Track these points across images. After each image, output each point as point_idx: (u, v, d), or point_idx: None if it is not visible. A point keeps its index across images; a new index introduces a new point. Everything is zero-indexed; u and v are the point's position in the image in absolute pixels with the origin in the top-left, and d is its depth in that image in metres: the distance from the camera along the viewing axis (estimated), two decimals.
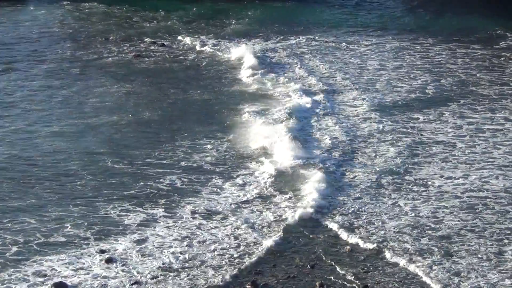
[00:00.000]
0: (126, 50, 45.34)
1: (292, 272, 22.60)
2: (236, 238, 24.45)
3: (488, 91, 38.58)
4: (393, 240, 24.32)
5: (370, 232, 24.83)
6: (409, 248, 23.85)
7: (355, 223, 25.43)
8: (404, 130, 33.46)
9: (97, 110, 35.39)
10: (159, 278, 22.25)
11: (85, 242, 24.10)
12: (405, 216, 25.87)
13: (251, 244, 24.06)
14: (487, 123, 34.31)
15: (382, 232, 24.82)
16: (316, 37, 48.28)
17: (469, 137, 32.65)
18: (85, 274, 22.45)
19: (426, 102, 37.07)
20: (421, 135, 32.79)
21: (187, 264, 22.96)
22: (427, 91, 38.66)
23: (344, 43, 47.02)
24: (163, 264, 22.94)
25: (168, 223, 25.34)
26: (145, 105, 36.18)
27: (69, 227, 24.97)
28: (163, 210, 26.17)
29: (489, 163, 30.10)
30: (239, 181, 28.44)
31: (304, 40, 47.54)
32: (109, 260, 23.09)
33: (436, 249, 23.82)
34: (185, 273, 22.50)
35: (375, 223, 25.44)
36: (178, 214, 25.92)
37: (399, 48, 46.33)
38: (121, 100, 36.97)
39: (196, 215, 25.83)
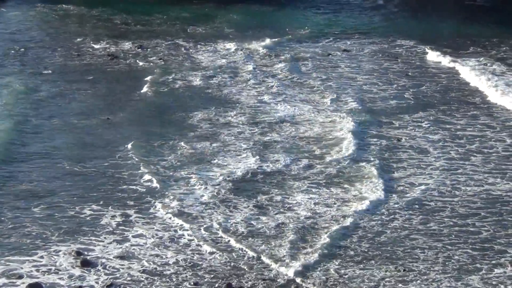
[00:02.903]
0: (101, 51, 44.84)
1: (267, 274, 22.32)
2: (205, 240, 24.08)
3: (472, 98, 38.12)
4: (339, 246, 23.95)
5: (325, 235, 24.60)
6: (357, 253, 23.52)
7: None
8: (379, 134, 33.05)
9: (56, 112, 34.87)
10: (140, 282, 21.75)
11: (53, 243, 23.49)
12: (356, 219, 25.52)
13: (224, 247, 23.73)
14: (467, 129, 33.81)
15: (337, 234, 24.61)
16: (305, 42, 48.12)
17: (443, 143, 32.16)
18: (59, 277, 21.81)
19: (405, 108, 36.67)
20: (398, 140, 32.34)
21: (166, 268, 22.52)
22: (406, 96, 38.31)
23: (319, 49, 46.65)
24: (142, 267, 22.48)
25: (144, 225, 24.83)
26: (109, 107, 35.74)
27: (33, 228, 24.33)
28: (136, 211, 25.67)
29: (464, 170, 29.62)
30: (210, 181, 28.06)
31: (283, 44, 47.45)
32: (85, 263, 22.41)
33: (383, 254, 23.45)
34: (165, 277, 22.07)
35: (332, 227, 25.15)
36: (152, 215, 25.48)
37: (378, 51, 46.01)
38: (86, 101, 36.51)
39: (170, 216, 25.38)
